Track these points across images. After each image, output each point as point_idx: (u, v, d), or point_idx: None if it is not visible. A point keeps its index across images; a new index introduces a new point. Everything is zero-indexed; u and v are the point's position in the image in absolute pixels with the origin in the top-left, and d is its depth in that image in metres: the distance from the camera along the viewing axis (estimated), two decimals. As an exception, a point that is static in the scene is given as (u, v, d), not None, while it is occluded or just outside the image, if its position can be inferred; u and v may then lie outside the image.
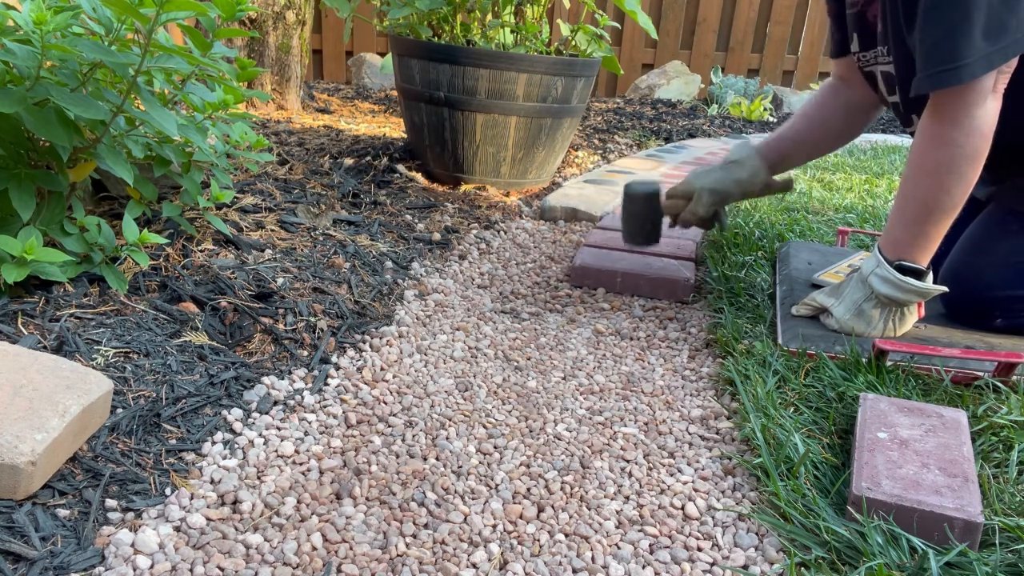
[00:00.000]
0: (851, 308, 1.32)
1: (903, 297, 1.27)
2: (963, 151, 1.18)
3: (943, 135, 1.19)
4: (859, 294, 1.32)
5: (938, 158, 1.20)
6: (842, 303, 1.33)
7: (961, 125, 1.17)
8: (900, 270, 1.27)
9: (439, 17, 2.36)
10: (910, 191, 1.25)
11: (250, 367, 1.19)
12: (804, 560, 0.86)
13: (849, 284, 1.34)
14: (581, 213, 2.21)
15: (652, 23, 3.08)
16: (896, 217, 1.28)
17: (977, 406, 1.12)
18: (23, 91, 1.12)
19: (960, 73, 1.14)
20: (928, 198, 1.22)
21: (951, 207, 1.22)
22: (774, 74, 5.27)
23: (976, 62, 1.13)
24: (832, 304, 1.34)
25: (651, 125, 3.91)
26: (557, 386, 1.25)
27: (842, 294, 1.34)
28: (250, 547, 0.84)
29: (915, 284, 1.25)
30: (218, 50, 1.32)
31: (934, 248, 1.27)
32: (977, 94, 1.15)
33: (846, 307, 1.32)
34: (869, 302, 1.30)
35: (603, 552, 0.87)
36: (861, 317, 1.31)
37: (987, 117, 1.17)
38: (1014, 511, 0.90)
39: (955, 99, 1.17)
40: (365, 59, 4.78)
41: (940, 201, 1.22)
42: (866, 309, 1.30)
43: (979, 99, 1.16)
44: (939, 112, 1.19)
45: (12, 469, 0.81)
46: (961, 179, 1.19)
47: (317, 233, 1.74)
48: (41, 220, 1.26)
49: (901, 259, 1.27)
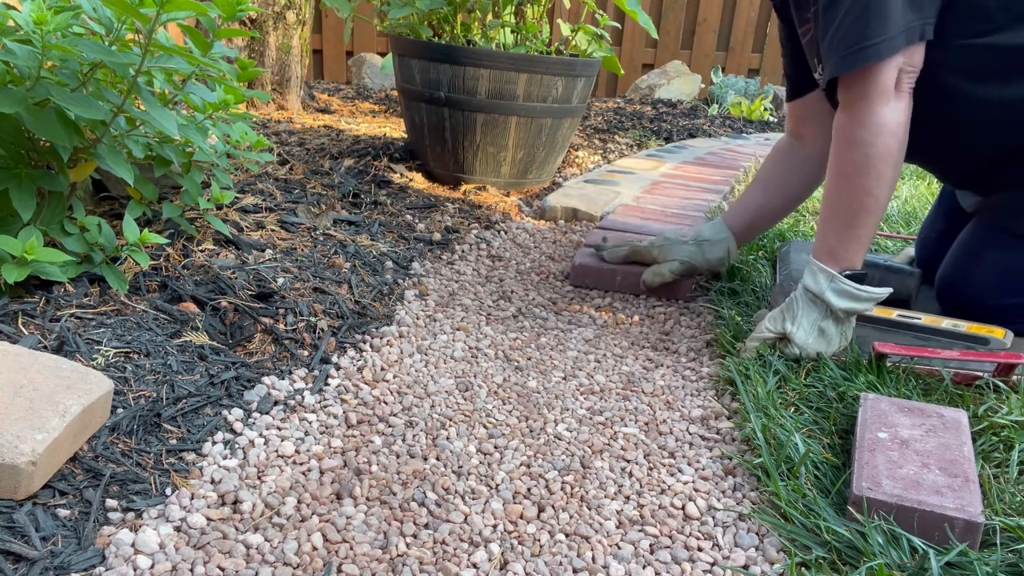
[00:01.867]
0: (811, 330, 1.25)
1: (860, 307, 1.24)
2: (875, 149, 1.17)
3: (852, 135, 1.19)
4: (815, 313, 1.25)
5: (852, 159, 1.19)
6: (800, 327, 1.25)
7: (867, 124, 1.17)
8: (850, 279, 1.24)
9: (439, 17, 2.36)
10: (834, 197, 1.24)
11: (250, 367, 1.19)
12: (804, 560, 0.86)
13: (799, 306, 1.26)
14: (581, 213, 2.21)
15: (652, 23, 3.08)
16: (826, 226, 1.26)
17: (978, 406, 1.12)
18: (23, 91, 1.12)
19: (865, 54, 1.14)
20: (852, 202, 1.21)
21: (876, 207, 1.21)
22: (774, 74, 5.26)
23: (877, 45, 1.14)
24: (791, 330, 1.26)
25: (651, 125, 3.91)
26: (557, 386, 1.25)
27: (796, 318, 1.26)
28: (250, 547, 0.84)
29: (871, 291, 1.23)
30: (218, 50, 1.32)
31: (866, 248, 1.25)
32: (879, 91, 1.16)
33: (806, 330, 1.25)
34: (827, 320, 1.25)
35: (603, 552, 0.87)
36: (823, 337, 1.26)
37: (894, 115, 1.17)
38: (1014, 511, 0.90)
39: (858, 97, 1.18)
40: (365, 59, 4.78)
41: (864, 203, 1.21)
42: (825, 328, 1.25)
43: (882, 96, 1.16)
44: (845, 111, 1.20)
45: (12, 469, 0.81)
46: (880, 179, 1.19)
47: (317, 233, 1.74)
48: (41, 220, 1.26)
49: (845, 268, 1.24)
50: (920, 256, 1.66)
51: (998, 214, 1.37)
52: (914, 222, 2.19)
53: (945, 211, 1.61)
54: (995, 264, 1.34)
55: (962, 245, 1.42)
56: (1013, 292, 1.33)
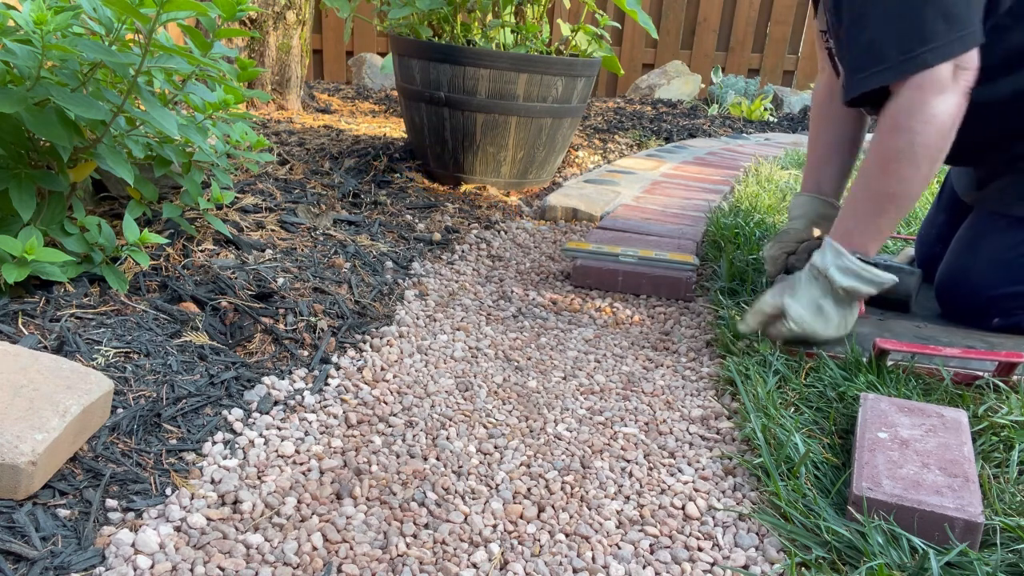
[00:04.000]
0: (809, 306, 1.25)
1: (863, 289, 1.24)
2: (920, 138, 1.17)
3: (900, 122, 1.18)
4: (816, 290, 1.26)
5: (896, 145, 1.19)
6: (798, 301, 1.25)
7: (918, 113, 1.17)
8: None
9: (439, 17, 2.36)
10: (867, 182, 1.24)
11: (250, 367, 1.19)
12: (805, 560, 0.86)
13: (801, 282, 1.27)
14: (581, 213, 2.21)
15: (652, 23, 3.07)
16: (851, 208, 1.26)
17: (978, 406, 1.12)
18: (24, 91, 1.12)
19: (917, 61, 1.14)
20: (886, 188, 1.21)
21: (906, 200, 1.21)
22: (774, 74, 5.26)
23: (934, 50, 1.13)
24: (788, 303, 1.25)
25: (651, 125, 3.91)
26: (557, 386, 1.25)
27: (795, 292, 1.26)
28: (250, 547, 0.84)
29: (877, 273, 1.23)
30: (218, 50, 1.32)
31: (883, 242, 1.26)
32: (935, 81, 1.15)
33: (804, 305, 1.25)
34: (827, 298, 1.25)
35: (603, 552, 0.87)
36: (820, 315, 1.25)
37: (946, 107, 1.16)
38: (1015, 511, 0.90)
39: (916, 86, 1.17)
40: (365, 59, 4.78)
41: (896, 192, 1.21)
42: (824, 306, 1.25)
43: (937, 88, 1.15)
44: (898, 98, 1.19)
45: (12, 469, 0.81)
46: (917, 169, 1.18)
47: (317, 233, 1.74)
48: (42, 220, 1.26)
49: (856, 251, 1.25)
50: (920, 254, 1.66)
51: (998, 197, 1.37)
52: (914, 222, 2.19)
53: (945, 206, 1.61)
54: (992, 252, 1.34)
55: (959, 241, 1.42)
56: (1011, 280, 1.32)
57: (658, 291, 1.67)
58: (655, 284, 1.67)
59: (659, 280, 1.66)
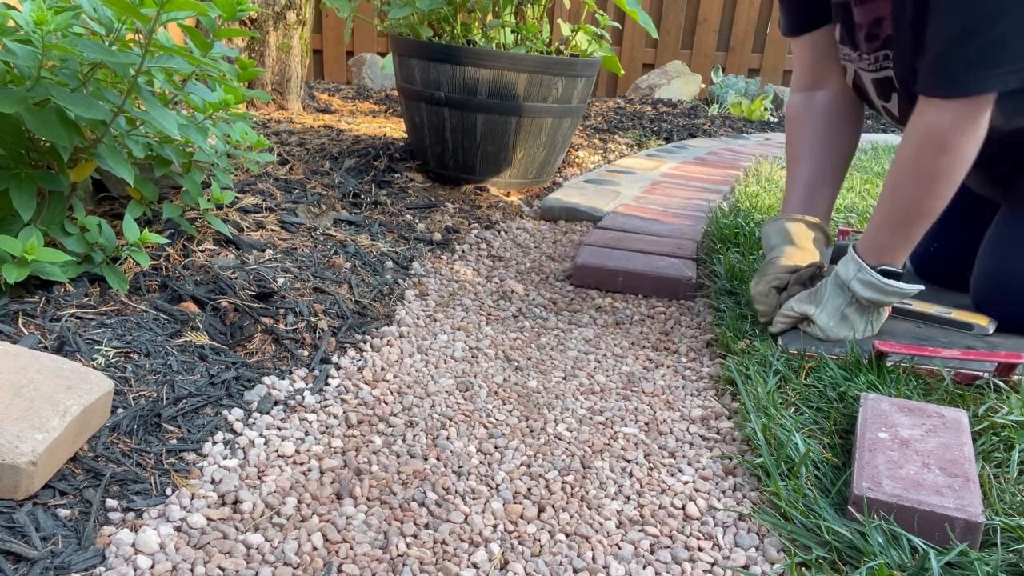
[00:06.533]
0: (834, 314, 1.29)
1: (886, 300, 1.26)
2: (963, 158, 1.17)
3: (949, 143, 1.16)
4: (840, 299, 1.29)
5: (939, 165, 1.17)
6: (824, 310, 1.29)
7: (968, 133, 1.15)
8: (882, 274, 1.25)
9: (439, 17, 2.36)
10: (899, 196, 1.23)
11: (251, 367, 1.19)
12: (805, 560, 0.86)
13: (826, 290, 1.30)
14: (582, 213, 2.21)
15: (652, 23, 3.08)
16: (881, 220, 1.26)
17: (978, 406, 1.12)
18: (24, 91, 1.12)
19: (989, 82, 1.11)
20: (920, 203, 1.21)
21: (936, 212, 1.22)
22: (775, 74, 5.26)
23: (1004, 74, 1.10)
24: (814, 312, 1.30)
25: (652, 125, 3.91)
26: (558, 386, 1.25)
27: (822, 301, 1.30)
28: (251, 547, 0.84)
29: (899, 286, 1.24)
30: (219, 50, 1.32)
31: (911, 250, 1.27)
32: (987, 104, 1.14)
33: (829, 314, 1.29)
34: (851, 307, 1.28)
35: (604, 552, 0.87)
36: (845, 322, 1.29)
37: (986, 124, 1.16)
38: (1015, 511, 0.90)
39: (968, 106, 1.14)
40: (366, 59, 4.77)
41: (929, 207, 1.21)
42: (849, 314, 1.29)
43: (986, 109, 1.14)
44: (946, 118, 1.15)
45: (13, 469, 0.81)
46: (953, 186, 1.19)
47: (318, 233, 1.74)
48: (42, 220, 1.26)
49: (882, 263, 1.26)
50: (918, 252, 1.64)
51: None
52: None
53: None
54: None
55: (996, 242, 1.38)
56: None
57: (658, 291, 1.67)
58: (655, 284, 1.67)
59: (659, 281, 1.66)
